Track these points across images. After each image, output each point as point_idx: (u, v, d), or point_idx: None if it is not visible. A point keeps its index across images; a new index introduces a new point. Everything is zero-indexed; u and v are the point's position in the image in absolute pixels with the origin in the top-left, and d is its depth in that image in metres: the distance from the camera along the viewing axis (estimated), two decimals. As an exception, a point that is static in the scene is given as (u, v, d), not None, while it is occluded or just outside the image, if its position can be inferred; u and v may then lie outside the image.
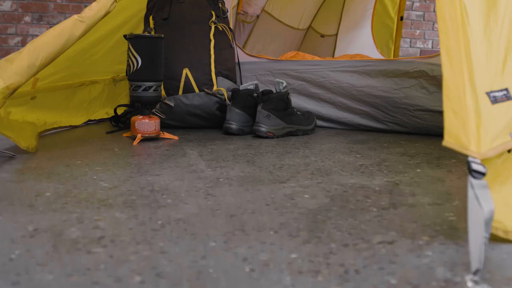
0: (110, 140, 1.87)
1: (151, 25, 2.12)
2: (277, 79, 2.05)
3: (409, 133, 2.11)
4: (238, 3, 2.89)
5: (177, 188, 1.24)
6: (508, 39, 1.34)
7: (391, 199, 1.19)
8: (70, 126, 2.07)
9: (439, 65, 1.91)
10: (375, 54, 3.92)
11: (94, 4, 1.68)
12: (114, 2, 1.72)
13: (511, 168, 1.09)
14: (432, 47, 5.28)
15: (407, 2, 4.47)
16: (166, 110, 2.03)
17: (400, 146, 1.86)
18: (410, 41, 5.17)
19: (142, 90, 1.83)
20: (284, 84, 2.02)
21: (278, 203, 1.14)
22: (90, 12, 1.65)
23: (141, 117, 1.84)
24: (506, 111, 1.22)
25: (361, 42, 3.93)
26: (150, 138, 1.86)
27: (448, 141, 0.98)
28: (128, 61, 1.84)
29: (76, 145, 1.77)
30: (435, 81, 2.00)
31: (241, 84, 2.28)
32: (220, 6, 2.25)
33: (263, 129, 1.94)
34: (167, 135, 1.90)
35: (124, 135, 1.94)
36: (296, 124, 2.02)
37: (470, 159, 0.88)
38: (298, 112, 2.07)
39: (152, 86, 1.84)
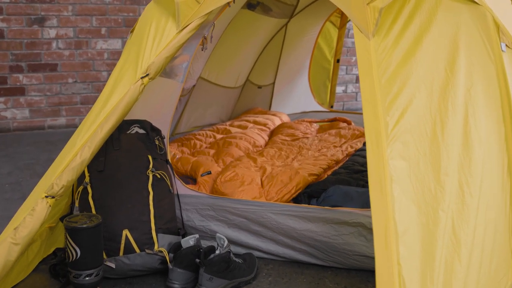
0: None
1: (87, 178, 2.05)
2: (218, 234, 2.05)
3: (349, 270, 2.18)
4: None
5: None
6: None
7: None
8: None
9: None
10: (312, 103, 3.95)
11: (27, 218, 1.61)
12: (49, 207, 1.65)
13: None
14: (367, 73, 5.30)
15: (343, 30, 4.44)
16: (107, 269, 2.01)
17: (340, 308, 1.94)
18: (346, 68, 5.18)
19: (83, 278, 1.80)
20: (226, 242, 2.03)
21: None
22: (25, 231, 1.59)
23: (83, 300, 1.82)
24: None
25: (298, 91, 3.93)
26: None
27: None
28: (66, 248, 1.80)
29: None
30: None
31: (182, 219, 2.26)
32: (157, 143, 2.19)
33: (206, 292, 1.97)
34: (110, 308, 1.90)
35: (67, 304, 1.92)
36: (238, 277, 2.05)
37: None
38: (239, 261, 2.09)
39: (93, 273, 1.81)
